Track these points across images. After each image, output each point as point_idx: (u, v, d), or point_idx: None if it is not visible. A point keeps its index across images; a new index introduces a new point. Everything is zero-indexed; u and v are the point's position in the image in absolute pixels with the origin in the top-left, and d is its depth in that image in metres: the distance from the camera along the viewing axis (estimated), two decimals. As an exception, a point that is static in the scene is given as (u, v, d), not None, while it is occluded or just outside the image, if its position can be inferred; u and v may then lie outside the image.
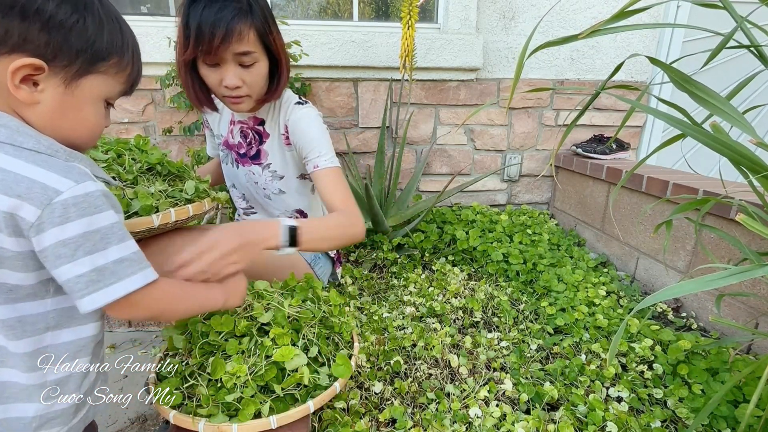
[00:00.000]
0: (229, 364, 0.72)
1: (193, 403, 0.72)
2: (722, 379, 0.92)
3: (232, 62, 0.88)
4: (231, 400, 0.70)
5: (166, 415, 0.69)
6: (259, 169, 1.10)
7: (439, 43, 1.78)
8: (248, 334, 0.78)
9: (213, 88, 0.94)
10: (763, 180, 0.66)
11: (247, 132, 1.07)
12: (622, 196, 1.54)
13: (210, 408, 0.70)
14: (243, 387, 0.71)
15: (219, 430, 0.66)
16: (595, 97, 0.76)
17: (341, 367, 0.79)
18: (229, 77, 0.88)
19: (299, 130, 1.01)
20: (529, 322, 1.23)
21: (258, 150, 1.07)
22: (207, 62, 0.88)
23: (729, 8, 0.64)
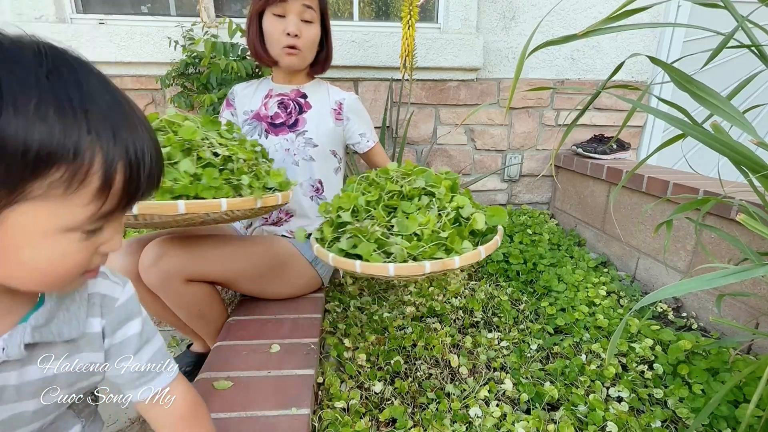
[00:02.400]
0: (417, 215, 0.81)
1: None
2: (723, 379, 0.92)
3: (295, 14, 1.08)
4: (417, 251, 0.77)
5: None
6: (293, 136, 1.20)
7: (440, 43, 1.78)
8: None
9: (274, 38, 1.11)
10: (764, 179, 0.66)
11: (287, 102, 1.22)
12: (623, 196, 1.54)
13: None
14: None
15: (416, 266, 0.73)
16: (595, 97, 0.76)
17: (495, 217, 0.88)
18: (291, 24, 1.08)
19: (357, 110, 1.24)
20: (530, 322, 1.23)
21: (297, 119, 1.21)
22: (275, 12, 1.08)
23: (730, 8, 0.64)
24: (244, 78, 1.51)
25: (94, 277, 0.44)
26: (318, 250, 0.83)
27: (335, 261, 0.78)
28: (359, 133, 1.26)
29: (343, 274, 1.48)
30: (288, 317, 1.12)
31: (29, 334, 0.42)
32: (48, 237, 0.35)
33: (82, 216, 0.36)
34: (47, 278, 0.38)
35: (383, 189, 0.89)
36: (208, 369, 0.90)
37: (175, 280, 0.97)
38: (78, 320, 0.47)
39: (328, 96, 1.25)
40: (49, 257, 0.36)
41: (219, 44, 1.51)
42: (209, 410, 0.77)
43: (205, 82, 1.54)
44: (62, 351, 0.46)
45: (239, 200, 0.84)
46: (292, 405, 0.80)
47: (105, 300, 0.51)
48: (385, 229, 0.81)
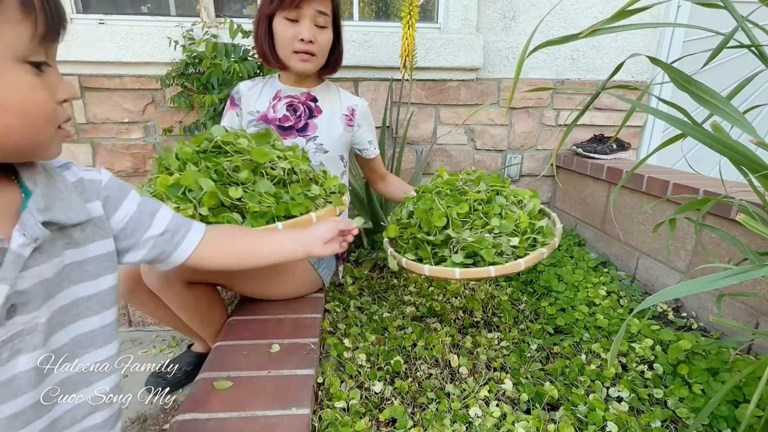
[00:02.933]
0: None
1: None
2: (722, 379, 0.92)
3: (309, 20, 1.04)
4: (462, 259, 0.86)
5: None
6: (303, 141, 1.18)
7: (440, 42, 1.78)
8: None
9: (285, 43, 1.07)
10: (764, 179, 0.66)
11: (297, 106, 1.19)
12: (623, 196, 1.54)
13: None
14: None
15: (476, 272, 0.82)
16: (595, 97, 0.76)
17: (536, 198, 1.00)
18: (305, 31, 1.04)
19: (367, 117, 1.24)
20: (530, 322, 1.23)
21: (306, 123, 1.18)
22: (288, 17, 1.03)
23: (729, 8, 0.64)
24: (245, 80, 1.51)
25: (67, 136, 0.48)
26: (434, 270, 0.86)
27: (463, 274, 0.84)
28: (368, 140, 1.26)
29: (342, 274, 1.48)
30: (288, 317, 1.12)
31: (38, 214, 0.44)
32: (2, 65, 0.38)
33: (23, 37, 0.39)
34: (25, 119, 0.41)
35: (460, 200, 0.94)
36: (208, 369, 0.90)
37: (176, 282, 0.97)
38: (77, 204, 0.50)
39: (340, 101, 1.23)
40: (13, 91, 0.39)
41: (220, 45, 1.51)
42: (209, 410, 0.77)
43: (205, 83, 1.54)
44: (79, 238, 0.50)
45: (323, 211, 0.89)
46: (292, 405, 0.80)
47: (90, 183, 0.53)
48: (489, 233, 0.89)
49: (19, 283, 0.42)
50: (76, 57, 1.64)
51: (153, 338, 1.49)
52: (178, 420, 0.76)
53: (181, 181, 0.79)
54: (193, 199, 0.79)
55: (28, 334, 0.44)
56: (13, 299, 0.42)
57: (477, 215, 0.91)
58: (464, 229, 0.89)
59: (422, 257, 0.91)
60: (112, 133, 1.79)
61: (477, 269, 0.83)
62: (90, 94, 1.73)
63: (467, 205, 0.91)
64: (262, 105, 1.21)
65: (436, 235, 0.89)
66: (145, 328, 1.54)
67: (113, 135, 1.79)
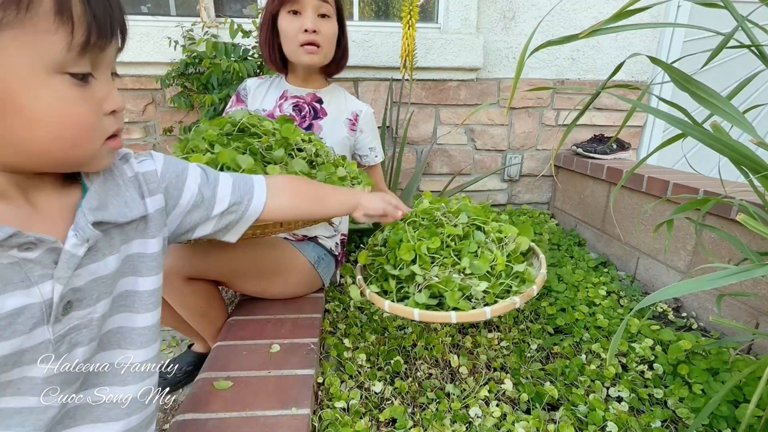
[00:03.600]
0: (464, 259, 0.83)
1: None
2: (723, 379, 0.92)
3: (311, 10, 1.05)
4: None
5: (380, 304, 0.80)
6: None
7: (440, 43, 1.78)
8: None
9: (291, 35, 1.08)
10: (764, 179, 0.66)
11: (302, 106, 1.19)
12: (623, 196, 1.54)
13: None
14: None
15: (436, 316, 0.76)
16: (595, 97, 0.76)
17: (526, 235, 0.92)
18: (308, 21, 1.04)
19: (371, 124, 1.24)
20: (530, 322, 1.23)
21: (311, 123, 1.19)
22: (291, 9, 1.05)
23: (730, 8, 0.64)
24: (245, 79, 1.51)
25: (119, 147, 0.47)
26: (394, 307, 0.80)
27: (422, 316, 0.77)
28: (370, 146, 1.26)
29: (341, 274, 1.48)
30: (288, 317, 1.12)
31: (90, 214, 0.44)
32: (37, 77, 0.36)
33: (58, 47, 0.36)
34: (64, 133, 0.39)
35: (434, 234, 0.87)
36: (208, 369, 0.90)
37: (176, 278, 0.97)
38: (134, 201, 0.50)
39: (345, 104, 1.24)
40: (49, 103, 0.38)
41: (220, 45, 1.51)
42: (209, 410, 0.77)
43: (205, 83, 1.54)
44: (135, 234, 0.51)
45: (361, 188, 0.91)
46: (292, 405, 0.80)
47: (147, 177, 0.53)
48: (459, 273, 0.82)
49: (74, 281, 0.43)
50: (76, 57, 1.64)
51: (153, 338, 1.49)
52: (178, 420, 0.76)
53: (219, 159, 0.77)
54: None
55: (84, 328, 0.46)
56: (69, 296, 0.43)
57: (448, 252, 0.84)
58: (433, 266, 0.82)
59: (386, 290, 0.85)
60: (112, 133, 1.79)
61: (437, 313, 0.76)
62: (90, 94, 1.73)
63: (439, 240, 0.85)
64: (269, 104, 1.22)
65: (402, 269, 0.84)
66: (145, 328, 1.54)
67: (113, 135, 1.79)
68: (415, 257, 0.84)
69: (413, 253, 0.83)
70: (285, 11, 1.07)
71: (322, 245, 1.25)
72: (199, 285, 1.02)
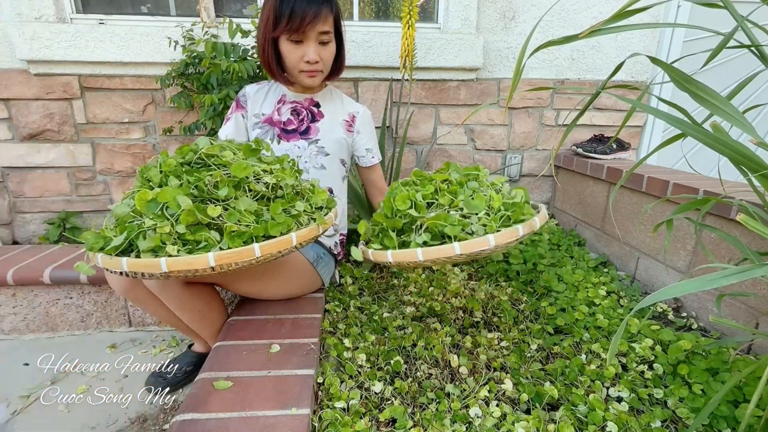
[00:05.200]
0: None
1: None
2: (722, 379, 0.92)
3: (313, 40, 1.06)
4: None
5: None
6: (305, 143, 1.21)
7: (440, 43, 1.78)
8: None
9: (292, 63, 1.10)
10: (763, 179, 0.66)
11: (300, 110, 1.22)
12: (623, 196, 1.54)
13: None
14: None
15: (439, 250, 0.76)
16: (595, 97, 0.76)
17: (521, 190, 0.94)
18: (311, 52, 1.07)
19: (368, 125, 1.27)
20: (530, 322, 1.23)
21: (308, 126, 1.22)
22: (292, 39, 1.06)
23: (729, 8, 0.64)
24: (245, 79, 1.51)
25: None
26: (396, 254, 0.79)
27: (426, 253, 0.76)
28: (366, 147, 1.28)
29: (341, 274, 1.47)
30: (288, 317, 1.12)
31: None
32: None
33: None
34: None
35: (426, 184, 0.89)
36: (208, 369, 0.90)
37: (175, 283, 0.97)
38: None
39: (342, 106, 1.26)
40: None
41: (220, 45, 1.51)
42: (209, 410, 0.77)
43: (205, 83, 1.54)
44: None
45: (306, 231, 0.84)
46: (292, 405, 0.80)
47: None
48: (456, 211, 0.83)
49: None
50: (76, 57, 1.64)
51: (153, 338, 1.49)
52: (178, 420, 0.76)
53: (159, 198, 0.77)
54: (170, 216, 0.76)
55: None
56: None
57: (443, 194, 0.85)
58: (430, 211, 0.84)
59: (388, 246, 0.84)
60: (112, 133, 1.79)
61: (440, 247, 0.76)
62: (90, 94, 1.73)
63: (432, 187, 0.86)
64: (268, 108, 1.24)
65: (400, 218, 0.85)
66: (145, 328, 1.54)
67: (113, 135, 1.79)
68: (412, 205, 0.84)
69: (409, 201, 0.83)
70: (286, 38, 1.07)
71: (322, 244, 1.25)
72: (197, 288, 1.02)
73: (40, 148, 1.76)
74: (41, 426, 1.07)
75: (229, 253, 0.75)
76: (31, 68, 1.66)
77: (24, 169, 1.78)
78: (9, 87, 1.67)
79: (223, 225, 0.78)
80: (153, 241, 0.74)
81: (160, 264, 0.71)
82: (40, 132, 1.74)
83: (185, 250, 0.76)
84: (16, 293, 1.45)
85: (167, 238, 0.75)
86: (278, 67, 1.14)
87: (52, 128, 1.74)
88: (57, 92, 1.70)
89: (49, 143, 1.76)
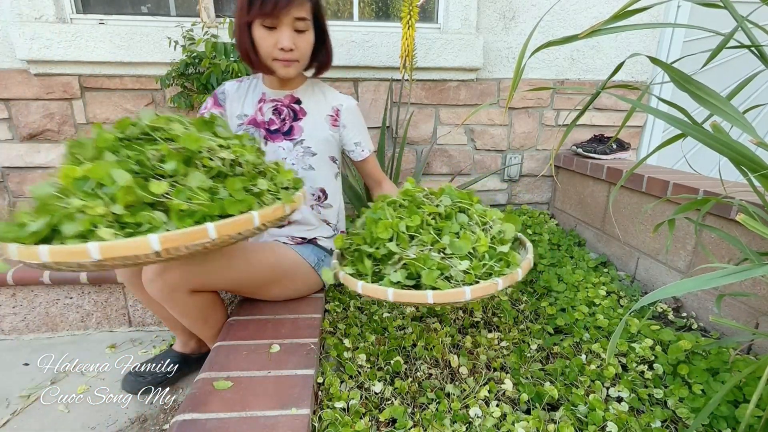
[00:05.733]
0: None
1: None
2: (722, 379, 0.92)
3: (287, 26, 1.00)
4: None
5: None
6: (290, 145, 1.14)
7: (440, 43, 1.78)
8: None
9: (266, 50, 1.03)
10: (763, 179, 0.66)
11: (281, 109, 1.14)
12: (623, 196, 1.54)
13: None
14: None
15: (412, 295, 0.73)
16: (595, 97, 0.76)
17: (512, 225, 0.86)
18: (284, 39, 0.99)
19: (354, 117, 1.19)
20: (530, 322, 1.23)
21: (291, 126, 1.14)
22: (266, 24, 0.99)
23: (729, 8, 0.64)
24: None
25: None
26: (367, 288, 0.75)
27: (396, 296, 0.72)
28: (354, 141, 1.20)
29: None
30: (288, 317, 1.12)
31: None
32: None
33: None
34: None
35: (413, 212, 0.82)
36: (208, 369, 0.90)
37: (180, 292, 0.96)
38: None
39: (325, 100, 1.18)
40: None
41: (219, 44, 1.51)
42: (209, 410, 0.77)
43: (205, 83, 1.54)
44: None
45: (270, 210, 0.74)
46: (292, 405, 0.80)
47: None
48: (438, 252, 0.77)
49: None
50: (76, 57, 1.64)
51: (153, 338, 1.49)
52: (178, 420, 0.76)
53: (91, 174, 0.64)
54: (104, 195, 0.64)
55: None
56: None
57: (428, 231, 0.80)
58: (411, 245, 0.78)
59: (361, 272, 0.81)
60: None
61: (413, 292, 0.71)
62: (90, 94, 1.73)
63: (419, 218, 0.80)
64: (249, 108, 1.16)
65: (378, 248, 0.79)
66: (145, 328, 1.54)
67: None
68: (394, 236, 0.78)
69: (391, 231, 0.78)
70: (259, 23, 1.01)
71: (322, 247, 1.25)
72: (202, 296, 1.02)
73: (40, 149, 1.76)
74: (41, 426, 1.07)
75: (177, 234, 0.63)
76: (31, 68, 1.66)
77: (24, 169, 1.78)
78: (9, 87, 1.67)
79: (170, 205, 0.66)
80: (82, 225, 0.61)
81: (88, 250, 0.59)
82: (40, 132, 1.74)
83: (124, 233, 0.63)
84: (15, 293, 1.45)
85: (100, 221, 0.63)
86: (256, 55, 1.06)
87: (52, 128, 1.74)
88: (57, 92, 1.70)
89: (49, 143, 1.76)
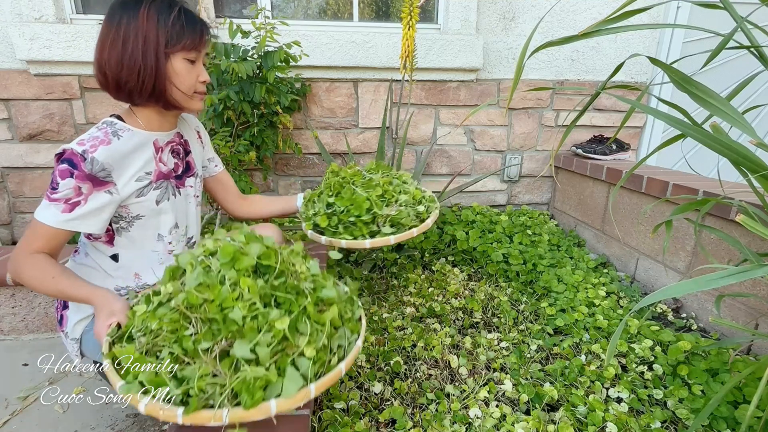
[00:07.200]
0: None
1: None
2: (722, 380, 0.92)
3: (201, 60, 0.99)
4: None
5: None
6: (194, 180, 1.08)
7: (440, 43, 1.78)
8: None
9: (188, 84, 0.94)
10: (763, 180, 0.66)
11: (177, 149, 1.05)
12: (622, 196, 1.54)
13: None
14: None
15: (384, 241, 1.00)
16: (595, 98, 0.76)
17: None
18: (204, 72, 0.99)
19: (206, 134, 1.19)
20: (529, 323, 1.23)
21: (187, 162, 1.08)
22: (189, 57, 0.95)
23: (729, 9, 0.64)
24: (244, 80, 1.51)
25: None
26: (351, 243, 1.01)
27: (373, 244, 0.99)
28: (209, 157, 1.16)
29: (341, 275, 1.47)
30: (288, 318, 1.12)
31: None
32: None
33: None
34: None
35: (371, 187, 1.11)
36: (207, 369, 0.90)
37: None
38: None
39: (188, 125, 1.11)
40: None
41: (219, 45, 1.51)
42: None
43: (205, 83, 1.54)
44: None
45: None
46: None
47: None
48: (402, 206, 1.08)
49: None
50: (76, 57, 1.65)
51: (152, 339, 1.48)
52: (177, 420, 0.76)
53: None
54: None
55: None
56: None
57: (389, 194, 1.12)
58: (384, 206, 1.08)
59: (356, 236, 1.04)
60: (111, 133, 1.79)
61: (401, 235, 1.01)
62: (90, 95, 1.73)
63: (381, 189, 1.11)
64: (149, 165, 0.98)
65: (366, 215, 1.07)
66: (145, 329, 1.53)
67: (113, 135, 1.79)
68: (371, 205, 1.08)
69: (368, 201, 1.07)
70: (182, 56, 0.92)
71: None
72: None
73: (40, 149, 1.76)
74: (41, 426, 1.07)
75: None
76: (31, 68, 1.66)
77: (24, 169, 1.78)
78: (9, 87, 1.67)
79: None
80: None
81: (222, 416, 0.61)
82: (40, 132, 1.74)
83: None
84: (15, 293, 1.44)
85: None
86: (152, 86, 0.92)
87: (51, 128, 1.74)
88: (57, 92, 1.70)
89: (49, 143, 1.76)
